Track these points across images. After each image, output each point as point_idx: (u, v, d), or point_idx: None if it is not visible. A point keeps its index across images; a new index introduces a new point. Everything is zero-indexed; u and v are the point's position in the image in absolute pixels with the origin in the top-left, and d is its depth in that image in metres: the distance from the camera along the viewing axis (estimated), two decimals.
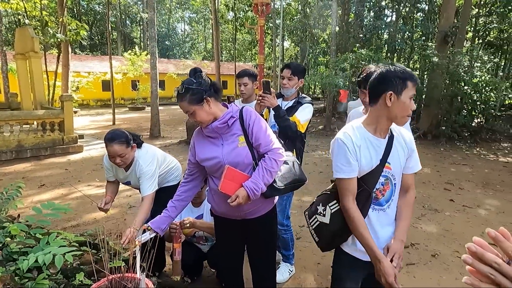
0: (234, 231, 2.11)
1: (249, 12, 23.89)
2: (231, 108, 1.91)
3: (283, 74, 2.71)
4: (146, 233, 2.03)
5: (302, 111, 2.67)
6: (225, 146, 1.87)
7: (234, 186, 1.80)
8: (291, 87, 2.71)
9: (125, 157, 2.37)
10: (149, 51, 11.47)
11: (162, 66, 25.67)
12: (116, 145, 2.32)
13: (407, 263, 3.27)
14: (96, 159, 7.70)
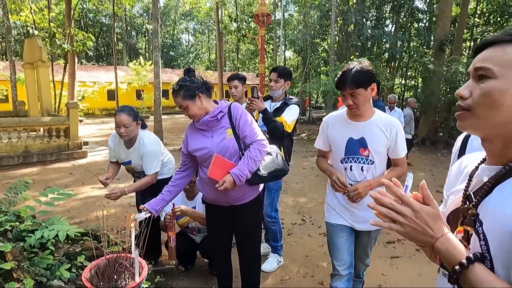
0: (223, 217, 2.30)
1: (251, 23, 24.40)
2: (221, 104, 2.14)
3: (271, 77, 2.94)
4: (142, 213, 2.22)
5: (288, 112, 2.88)
6: (214, 137, 2.09)
7: (221, 172, 2.00)
8: (278, 88, 2.94)
9: (129, 129, 2.61)
10: (153, 60, 11.81)
11: (166, 76, 26.13)
12: (124, 114, 2.58)
13: (391, 256, 3.44)
14: (100, 163, 7.95)
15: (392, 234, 3.99)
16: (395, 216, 0.73)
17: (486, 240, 0.71)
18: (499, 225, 0.68)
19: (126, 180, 6.40)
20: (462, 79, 10.61)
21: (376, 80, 1.89)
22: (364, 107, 1.87)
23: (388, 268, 3.21)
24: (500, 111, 0.70)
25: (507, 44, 0.71)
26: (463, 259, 0.68)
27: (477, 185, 0.79)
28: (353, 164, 1.95)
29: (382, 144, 1.91)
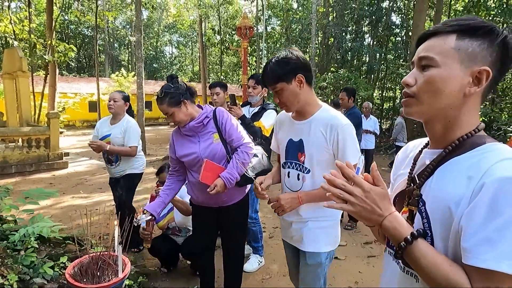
0: (210, 218, 2.36)
1: (234, 36, 24.77)
2: (205, 109, 2.20)
3: (249, 84, 3.11)
4: (143, 215, 2.26)
5: (266, 117, 3.02)
6: (201, 143, 2.14)
7: (212, 176, 2.07)
8: (255, 95, 3.09)
9: (117, 103, 3.20)
10: (136, 71, 11.84)
11: (149, 87, 25.99)
12: (117, 93, 3.29)
13: (368, 255, 3.58)
14: (81, 174, 7.85)
15: (370, 236, 4.14)
16: (346, 196, 0.78)
17: (428, 218, 0.78)
18: (439, 204, 0.76)
19: (108, 189, 6.36)
20: None
21: (304, 73, 1.53)
22: (296, 104, 1.58)
23: (364, 267, 3.34)
24: (441, 97, 0.77)
25: (448, 35, 0.77)
26: (408, 236, 0.74)
27: (421, 168, 0.87)
28: (290, 170, 1.68)
29: (320, 149, 1.57)
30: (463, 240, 0.69)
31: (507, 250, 0.63)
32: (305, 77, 1.54)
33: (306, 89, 1.57)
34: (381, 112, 16.70)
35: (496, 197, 0.65)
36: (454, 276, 0.68)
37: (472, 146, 0.77)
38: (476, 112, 0.80)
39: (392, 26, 16.38)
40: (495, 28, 0.75)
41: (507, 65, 0.77)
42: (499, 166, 0.68)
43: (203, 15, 23.87)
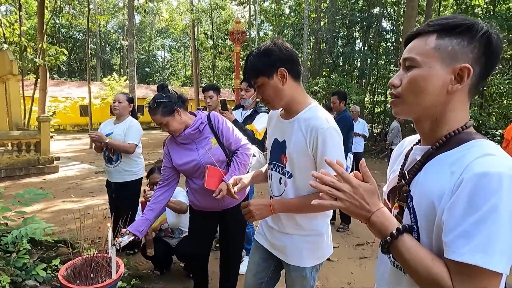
0: (211, 223, 2.37)
1: (227, 40, 24.86)
2: (199, 115, 2.19)
3: (241, 87, 3.12)
4: (125, 236, 2.24)
5: (258, 120, 3.03)
6: (200, 149, 2.13)
7: (216, 182, 2.06)
8: (248, 97, 3.12)
9: (121, 104, 3.32)
10: (128, 75, 11.80)
11: (141, 91, 25.91)
12: (121, 94, 3.44)
13: (360, 257, 3.62)
14: (72, 178, 7.78)
15: (362, 237, 4.19)
16: (336, 193, 0.79)
17: (414, 213, 0.80)
18: (424, 199, 0.78)
19: (99, 193, 6.32)
20: None
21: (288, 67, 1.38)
22: (279, 101, 1.44)
23: (357, 268, 3.38)
24: (424, 95, 0.78)
25: (429, 35, 0.79)
26: (394, 230, 0.75)
27: (411, 164, 0.89)
28: (273, 172, 1.58)
29: (300, 153, 1.42)
30: (444, 234, 0.70)
31: (482, 244, 0.65)
32: (288, 70, 1.38)
33: (291, 84, 1.41)
34: (372, 116, 16.88)
35: (473, 192, 0.67)
36: (435, 269, 0.70)
37: (459, 142, 0.78)
38: (463, 109, 0.82)
39: (382, 32, 16.63)
40: (475, 25, 0.76)
41: (492, 59, 0.78)
42: (478, 161, 0.70)
43: (196, 19, 23.91)
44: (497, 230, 0.65)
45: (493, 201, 0.65)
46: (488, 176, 0.67)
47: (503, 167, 0.67)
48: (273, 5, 21.21)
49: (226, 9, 28.11)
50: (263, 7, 21.22)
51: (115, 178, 3.36)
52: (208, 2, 27.40)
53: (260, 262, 1.68)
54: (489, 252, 0.64)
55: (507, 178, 0.66)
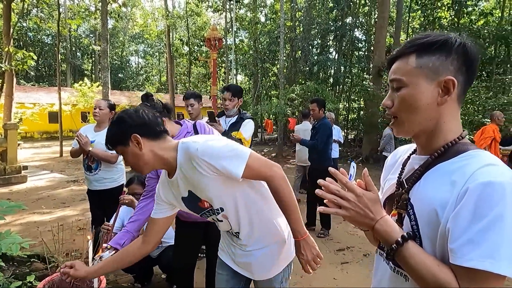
0: (198, 233, 2.31)
1: (203, 47, 24.80)
2: (185, 124, 2.15)
3: (224, 96, 3.09)
4: (106, 252, 2.15)
5: (244, 127, 3.01)
6: None
7: None
8: (232, 107, 3.11)
9: (102, 112, 3.23)
10: (102, 81, 11.49)
11: (114, 98, 25.21)
12: (102, 101, 3.33)
13: (341, 262, 3.67)
14: (42, 188, 7.42)
15: (342, 243, 4.25)
16: (340, 201, 0.82)
17: (416, 221, 0.82)
18: (426, 207, 0.80)
19: (72, 204, 6.06)
20: None
21: (141, 131, 1.34)
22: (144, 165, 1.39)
23: (339, 273, 3.42)
24: (417, 112, 0.83)
25: (408, 56, 0.84)
26: (399, 238, 0.78)
27: (409, 173, 0.92)
28: (210, 218, 1.58)
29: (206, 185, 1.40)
30: (450, 241, 0.73)
31: (490, 250, 0.68)
32: (142, 134, 1.33)
33: (152, 145, 1.35)
34: (347, 123, 17.29)
35: (479, 201, 0.70)
36: (442, 275, 0.72)
37: (456, 153, 0.82)
38: (455, 118, 0.86)
39: (355, 41, 17.17)
40: (448, 39, 0.81)
41: (472, 66, 0.83)
42: (481, 171, 0.73)
43: (171, 25, 23.71)
44: (503, 237, 0.68)
45: (498, 209, 0.68)
46: (492, 185, 0.70)
47: (505, 177, 0.71)
48: (248, 13, 21.41)
49: (202, 15, 28.08)
50: (239, 14, 21.36)
51: (95, 186, 3.29)
52: (183, 8, 27.26)
53: (229, 279, 1.65)
54: (497, 257, 0.67)
55: (510, 187, 0.70)
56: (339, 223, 5.07)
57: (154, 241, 1.54)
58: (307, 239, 1.38)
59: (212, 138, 1.40)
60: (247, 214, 1.45)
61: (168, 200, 1.50)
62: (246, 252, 1.54)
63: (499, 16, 13.88)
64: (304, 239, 1.37)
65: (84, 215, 5.25)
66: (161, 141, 1.39)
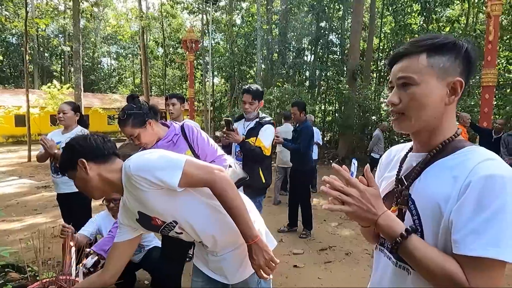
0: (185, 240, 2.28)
1: (179, 49, 24.49)
2: (173, 126, 2.11)
3: (244, 99, 2.90)
4: (89, 258, 2.06)
5: (264, 134, 2.85)
6: None
7: None
8: (252, 110, 2.94)
9: (66, 115, 3.15)
10: (73, 83, 11.10)
11: (86, 100, 24.36)
12: (65, 104, 3.23)
13: (325, 261, 3.71)
14: (10, 195, 7.03)
15: (324, 242, 4.31)
16: (344, 198, 0.84)
17: (418, 215, 0.85)
18: (428, 202, 0.83)
19: (44, 210, 5.79)
20: (372, 103, 12.05)
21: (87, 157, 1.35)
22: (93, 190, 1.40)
23: (322, 272, 3.46)
24: (426, 110, 0.85)
25: (419, 54, 0.85)
26: (403, 231, 0.80)
27: (407, 170, 0.94)
28: (170, 233, 1.57)
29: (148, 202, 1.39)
30: (454, 233, 0.76)
31: (493, 239, 0.72)
32: (89, 160, 1.34)
33: (98, 168, 1.36)
34: (323, 125, 17.58)
35: (482, 193, 0.73)
36: (448, 266, 0.75)
37: (454, 149, 0.86)
38: (453, 117, 0.91)
39: (330, 45, 17.53)
40: (457, 42, 0.85)
41: (472, 71, 0.88)
42: (482, 165, 0.76)
43: (146, 27, 23.28)
44: (506, 226, 0.72)
45: (499, 201, 0.72)
46: (494, 178, 0.74)
47: (505, 171, 0.75)
48: (224, 16, 21.38)
49: (177, 17, 27.75)
50: (215, 17, 21.29)
51: (63, 189, 3.18)
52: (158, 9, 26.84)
53: (204, 285, 1.63)
54: (501, 245, 0.71)
55: (510, 180, 0.74)
56: (320, 223, 5.14)
57: (113, 270, 1.46)
58: (258, 242, 1.33)
59: (147, 152, 1.37)
60: (203, 222, 1.42)
61: (125, 223, 1.48)
62: (218, 257, 1.52)
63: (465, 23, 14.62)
64: (255, 243, 1.32)
65: (56, 222, 5.02)
66: (109, 164, 1.39)
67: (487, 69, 6.62)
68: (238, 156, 3.00)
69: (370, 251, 3.96)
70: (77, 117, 3.27)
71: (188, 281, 2.57)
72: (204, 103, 19.37)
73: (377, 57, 17.19)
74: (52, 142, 3.02)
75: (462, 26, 14.36)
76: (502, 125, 6.20)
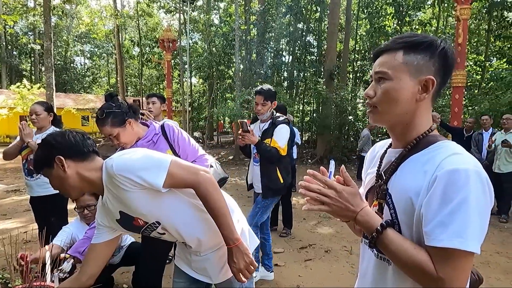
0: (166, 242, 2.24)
1: (155, 48, 24.07)
2: (152, 126, 2.07)
3: (256, 101, 2.87)
4: (65, 262, 1.97)
5: (278, 134, 2.82)
6: None
7: None
8: (265, 111, 2.90)
9: (40, 116, 3.05)
10: (45, 82, 10.70)
11: (59, 101, 23.51)
12: (37, 104, 3.10)
13: (305, 259, 3.76)
14: None
15: (304, 241, 4.36)
16: (322, 198, 0.87)
17: (394, 209, 0.89)
18: (402, 196, 0.87)
19: (15, 215, 5.55)
20: (349, 104, 12.30)
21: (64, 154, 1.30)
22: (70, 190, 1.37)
23: (303, 270, 3.49)
24: (397, 104, 0.88)
25: (396, 51, 0.89)
26: (378, 226, 0.84)
27: (386, 165, 0.98)
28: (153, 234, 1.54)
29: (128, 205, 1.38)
30: (424, 225, 0.80)
31: (457, 230, 0.75)
32: (67, 157, 1.29)
33: (76, 166, 1.31)
34: (302, 125, 17.76)
35: (447, 186, 0.77)
36: (419, 257, 0.79)
37: (427, 144, 0.90)
38: (428, 115, 0.94)
39: (308, 46, 17.74)
40: (434, 41, 0.88)
41: (449, 71, 0.91)
42: (448, 160, 0.80)
43: (121, 25, 22.74)
44: (469, 217, 0.75)
45: (463, 193, 0.76)
46: (458, 172, 0.77)
47: (469, 165, 0.79)
48: (202, 15, 21.21)
49: (154, 16, 27.27)
50: (192, 16, 21.08)
51: (37, 192, 3.07)
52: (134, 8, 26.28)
53: (187, 286, 1.61)
54: (464, 236, 0.75)
55: (473, 173, 0.77)
56: (300, 222, 5.19)
57: (90, 272, 1.42)
58: (239, 246, 1.32)
59: (129, 151, 1.34)
60: (187, 223, 1.41)
61: (104, 223, 1.43)
62: (201, 257, 1.51)
63: (436, 26, 15.19)
64: (236, 246, 1.31)
65: (27, 227, 4.83)
66: (88, 162, 1.34)
67: (457, 71, 6.90)
68: (256, 157, 2.99)
69: (349, 248, 4.05)
70: (51, 118, 3.16)
71: (168, 283, 2.55)
72: (182, 103, 19.14)
73: (353, 59, 17.55)
74: (30, 130, 2.95)
75: (433, 29, 14.91)
76: (473, 124, 6.47)
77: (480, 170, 0.79)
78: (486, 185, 0.78)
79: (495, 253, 4.02)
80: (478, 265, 3.60)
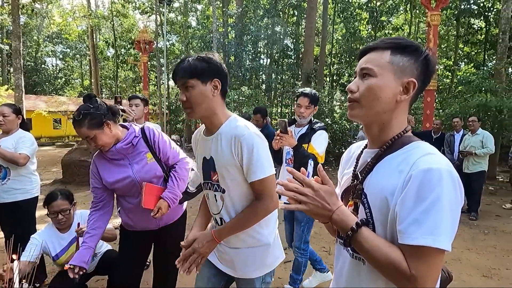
0: (146, 242, 2.19)
1: (131, 49, 23.61)
2: (132, 128, 2.02)
3: (300, 103, 2.71)
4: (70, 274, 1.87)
5: (318, 140, 2.67)
6: (134, 165, 1.95)
7: (154, 199, 1.92)
8: (308, 115, 2.74)
9: (7, 118, 2.94)
10: (13, 84, 10.26)
11: (29, 103, 22.65)
12: (5, 107, 2.99)
13: (284, 261, 3.75)
14: None
15: (283, 242, 4.35)
16: (300, 197, 0.89)
17: (370, 208, 0.90)
18: (377, 195, 0.88)
19: None
20: (326, 106, 12.50)
21: (221, 81, 1.42)
22: (201, 109, 1.41)
23: (282, 271, 3.50)
24: (378, 102, 0.90)
25: (384, 50, 0.92)
26: (353, 225, 0.86)
27: (362, 166, 1.00)
28: (208, 192, 1.56)
29: (229, 165, 1.42)
30: (398, 223, 0.82)
31: (430, 228, 0.77)
32: (221, 84, 1.42)
33: (218, 98, 1.44)
34: None
35: (420, 185, 0.79)
36: (393, 255, 0.81)
37: (402, 144, 0.92)
38: (404, 117, 0.96)
39: (285, 49, 17.93)
40: (419, 47, 0.92)
41: (429, 78, 0.94)
42: (421, 160, 0.82)
43: (95, 25, 22.16)
44: (441, 215, 0.77)
45: (436, 192, 0.78)
46: (431, 171, 0.79)
47: (442, 164, 0.81)
48: (179, 17, 21.02)
49: (129, 17, 26.77)
50: (170, 18, 20.84)
51: (3, 198, 2.92)
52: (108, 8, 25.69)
53: (210, 277, 1.64)
54: (436, 233, 0.77)
55: (446, 172, 0.80)
56: (279, 223, 5.19)
57: None
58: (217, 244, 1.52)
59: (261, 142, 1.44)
60: (240, 208, 1.50)
61: (196, 155, 1.63)
62: (231, 249, 1.56)
63: (408, 31, 15.74)
64: (217, 243, 1.50)
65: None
66: (223, 100, 1.50)
67: None
68: (289, 163, 2.82)
69: (328, 248, 4.09)
70: (19, 120, 3.04)
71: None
72: (159, 106, 18.86)
73: (330, 62, 17.92)
74: None
75: (405, 34, 15.43)
76: (440, 125, 6.76)
77: (451, 169, 0.81)
78: (457, 184, 0.81)
79: (466, 249, 4.18)
80: (450, 261, 3.73)
